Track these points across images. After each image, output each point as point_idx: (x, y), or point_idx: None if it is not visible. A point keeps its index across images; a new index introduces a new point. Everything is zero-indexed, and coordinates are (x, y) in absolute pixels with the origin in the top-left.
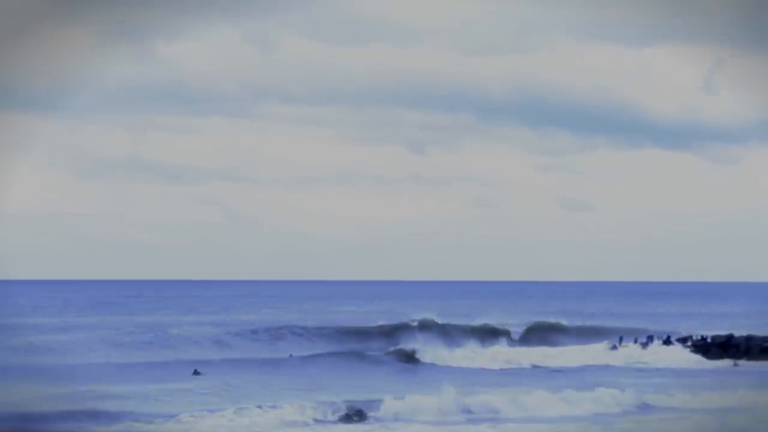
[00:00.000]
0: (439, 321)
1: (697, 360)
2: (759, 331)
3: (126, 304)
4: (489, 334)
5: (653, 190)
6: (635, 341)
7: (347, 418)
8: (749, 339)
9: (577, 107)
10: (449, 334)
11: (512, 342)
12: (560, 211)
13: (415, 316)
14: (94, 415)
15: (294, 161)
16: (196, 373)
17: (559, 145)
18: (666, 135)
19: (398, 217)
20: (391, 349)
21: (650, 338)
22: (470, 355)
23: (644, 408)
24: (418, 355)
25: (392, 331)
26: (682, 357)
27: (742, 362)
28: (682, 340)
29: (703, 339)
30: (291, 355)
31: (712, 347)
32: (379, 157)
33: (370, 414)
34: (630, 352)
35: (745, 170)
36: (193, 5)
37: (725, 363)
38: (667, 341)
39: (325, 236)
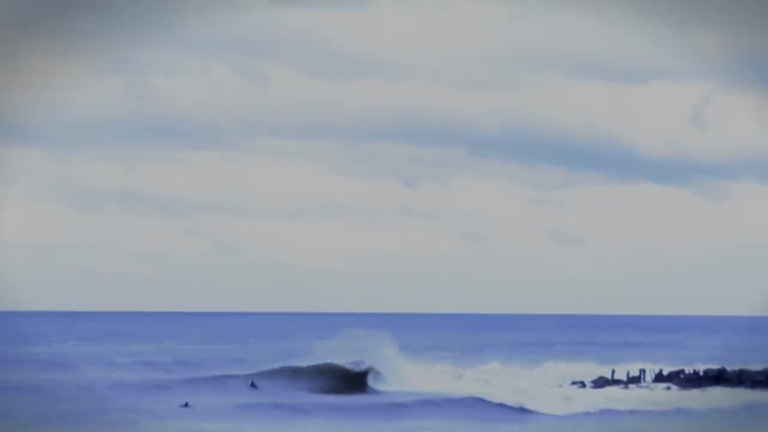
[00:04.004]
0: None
1: (675, 398)
2: (747, 365)
3: (115, 335)
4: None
5: (644, 225)
6: (627, 375)
7: None
8: (741, 373)
9: (567, 142)
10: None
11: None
12: (551, 245)
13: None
14: None
15: (284, 194)
16: (186, 406)
17: (549, 179)
18: (656, 170)
19: (388, 250)
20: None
21: (642, 372)
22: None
23: None
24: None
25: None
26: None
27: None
28: (675, 374)
29: (696, 372)
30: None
31: (704, 381)
32: (369, 191)
33: None
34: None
35: (736, 205)
36: (186, 40)
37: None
38: (660, 375)
39: (315, 269)
